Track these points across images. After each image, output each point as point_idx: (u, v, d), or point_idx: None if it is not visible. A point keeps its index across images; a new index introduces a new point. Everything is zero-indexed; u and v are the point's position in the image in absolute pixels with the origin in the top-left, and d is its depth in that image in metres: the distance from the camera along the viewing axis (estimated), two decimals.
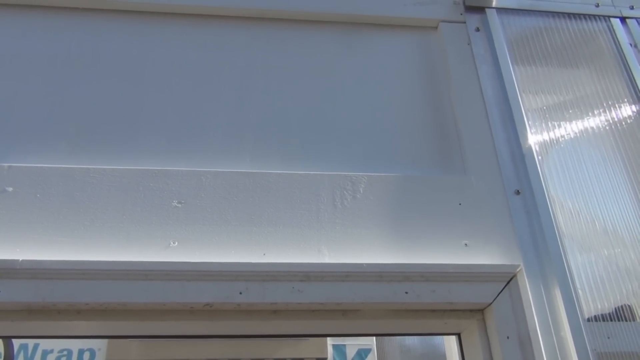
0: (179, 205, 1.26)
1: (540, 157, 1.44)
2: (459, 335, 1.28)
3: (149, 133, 1.39)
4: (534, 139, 1.47)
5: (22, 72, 1.44)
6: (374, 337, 3.98)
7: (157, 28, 1.57)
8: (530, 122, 1.50)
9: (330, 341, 3.91)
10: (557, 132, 1.52)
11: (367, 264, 1.19)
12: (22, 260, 1.11)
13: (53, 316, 1.12)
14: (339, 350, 3.91)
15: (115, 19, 1.56)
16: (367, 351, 3.95)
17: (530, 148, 1.45)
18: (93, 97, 1.43)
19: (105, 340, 3.73)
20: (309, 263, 1.19)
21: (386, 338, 4.05)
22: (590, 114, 1.57)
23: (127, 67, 1.49)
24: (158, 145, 1.38)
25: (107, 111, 1.41)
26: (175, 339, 1.38)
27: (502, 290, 1.19)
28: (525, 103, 1.54)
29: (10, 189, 1.23)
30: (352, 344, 3.94)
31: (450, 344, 2.57)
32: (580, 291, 1.24)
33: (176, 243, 1.21)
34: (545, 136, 1.49)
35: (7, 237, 1.17)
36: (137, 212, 1.24)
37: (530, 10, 1.77)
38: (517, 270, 1.21)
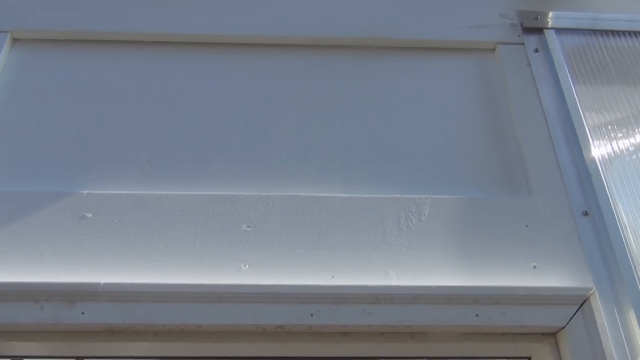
0: (249, 229, 1.30)
1: (607, 177, 1.42)
2: (529, 359, 1.26)
3: (216, 159, 1.44)
4: (599, 158, 1.45)
5: (96, 104, 1.52)
6: None
7: (220, 59, 1.63)
8: (595, 142, 1.48)
9: None
10: (623, 150, 1.49)
11: (436, 286, 1.19)
12: (104, 284, 1.16)
13: (132, 337, 1.16)
14: None
15: (180, 51, 1.63)
16: None
17: (596, 168, 1.43)
18: (162, 126, 1.49)
19: None
20: (378, 285, 1.20)
21: None
22: None
23: (194, 96, 1.55)
24: (225, 170, 1.42)
25: (176, 139, 1.47)
26: None
27: (575, 314, 1.17)
28: (589, 122, 1.52)
29: (90, 214, 1.30)
30: None
31: None
32: None
33: (247, 266, 1.24)
34: (611, 155, 1.47)
35: (88, 261, 1.23)
36: (209, 236, 1.28)
37: (589, 30, 1.75)
38: (590, 293, 1.19)
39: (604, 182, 1.40)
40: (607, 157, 1.47)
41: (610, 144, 1.50)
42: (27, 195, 1.32)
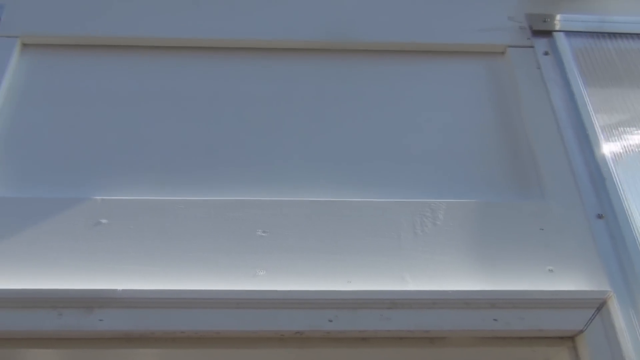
0: (264, 235, 1.29)
1: (619, 179, 1.42)
2: None
3: (229, 164, 1.44)
4: (612, 160, 1.45)
5: (107, 109, 1.51)
6: None
7: (229, 63, 1.63)
8: (606, 143, 1.48)
9: None
10: (635, 151, 1.49)
11: (453, 290, 1.19)
12: (122, 290, 1.15)
13: (150, 344, 1.15)
14: None
15: (191, 55, 1.63)
16: None
17: (609, 170, 1.43)
18: (174, 131, 1.49)
19: None
20: (395, 290, 1.20)
21: None
22: None
23: (205, 101, 1.55)
24: (239, 175, 1.42)
25: (188, 144, 1.46)
26: None
27: (593, 317, 1.17)
28: (600, 123, 1.53)
29: (105, 220, 1.29)
30: None
31: None
32: None
33: (263, 272, 1.24)
34: (624, 156, 1.47)
35: (105, 267, 1.23)
36: (224, 242, 1.28)
37: (598, 32, 1.76)
38: (608, 296, 1.19)
39: (617, 184, 1.41)
40: (619, 158, 1.47)
41: (623, 145, 1.50)
42: (40, 201, 1.31)
